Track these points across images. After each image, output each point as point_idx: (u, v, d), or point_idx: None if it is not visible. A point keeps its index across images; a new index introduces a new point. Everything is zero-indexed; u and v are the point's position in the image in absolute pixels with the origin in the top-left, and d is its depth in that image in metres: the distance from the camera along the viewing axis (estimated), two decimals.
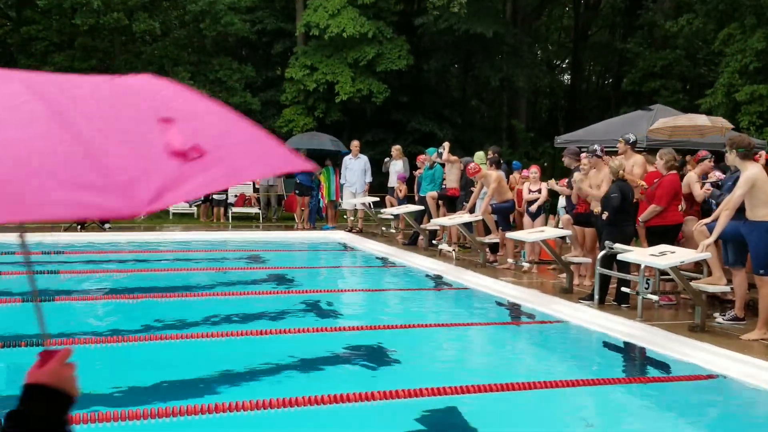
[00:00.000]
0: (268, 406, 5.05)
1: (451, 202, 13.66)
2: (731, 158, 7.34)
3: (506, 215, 11.94)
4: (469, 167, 11.94)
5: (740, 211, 7.30)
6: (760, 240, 7.16)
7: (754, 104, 19.07)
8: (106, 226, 15.31)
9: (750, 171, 7.14)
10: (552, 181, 11.38)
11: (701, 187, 8.99)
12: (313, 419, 5.07)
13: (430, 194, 13.94)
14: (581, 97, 36.17)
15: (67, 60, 22.70)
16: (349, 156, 16.65)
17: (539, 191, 11.54)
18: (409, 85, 26.10)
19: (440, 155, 13.75)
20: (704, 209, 9.03)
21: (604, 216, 8.70)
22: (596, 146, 9.68)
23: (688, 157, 10.55)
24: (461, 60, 30.11)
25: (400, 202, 15.30)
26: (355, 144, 16.78)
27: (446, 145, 13.86)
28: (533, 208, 11.52)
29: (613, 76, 34.92)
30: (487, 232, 12.39)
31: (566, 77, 39.81)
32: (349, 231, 16.55)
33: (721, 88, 20.30)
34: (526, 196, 11.71)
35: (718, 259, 7.92)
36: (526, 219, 11.67)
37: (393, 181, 16.05)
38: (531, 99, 34.48)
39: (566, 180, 11.12)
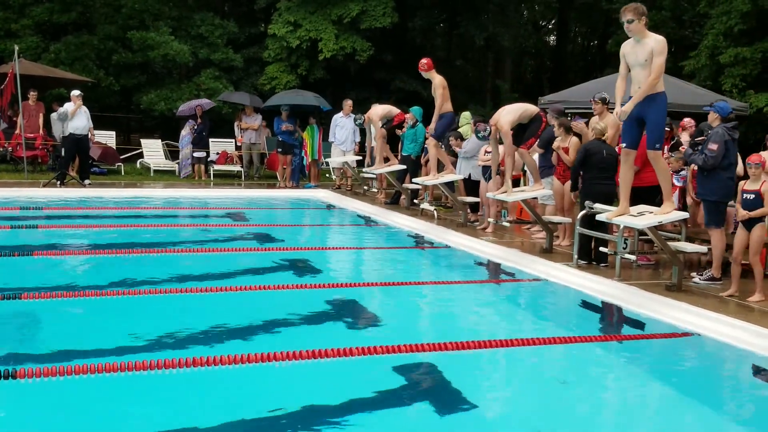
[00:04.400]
0: (246, 361, 5.08)
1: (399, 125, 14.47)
2: (637, 27, 7.23)
3: (446, 129, 12.10)
4: (423, 61, 12.04)
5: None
6: (658, 113, 7.21)
7: (738, 67, 19.05)
8: (86, 182, 15.16)
9: (663, 38, 7.18)
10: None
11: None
12: (292, 374, 5.11)
13: None
14: (567, 58, 36.00)
15: (46, 13, 22.26)
16: (341, 114, 16.60)
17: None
18: (393, 44, 25.85)
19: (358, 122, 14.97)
20: None
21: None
22: (603, 94, 9.68)
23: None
24: (446, 18, 29.79)
25: None
26: (348, 103, 16.71)
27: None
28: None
29: (599, 37, 34.75)
30: (468, 192, 12.40)
31: (552, 38, 39.60)
32: (337, 189, 16.56)
33: (705, 50, 20.26)
34: (482, 157, 11.69)
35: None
36: (482, 183, 11.69)
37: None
38: (516, 60, 34.28)
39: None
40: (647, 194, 8.33)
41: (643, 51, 7.15)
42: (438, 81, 11.74)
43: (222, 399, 4.66)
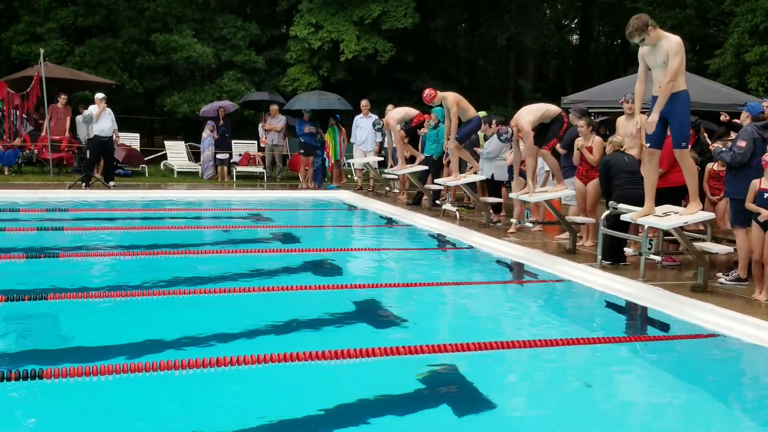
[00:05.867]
0: (269, 361, 5.10)
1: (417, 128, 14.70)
2: (651, 38, 7.06)
3: (471, 133, 12.10)
4: (424, 93, 11.83)
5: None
6: (682, 112, 7.13)
7: (764, 65, 18.83)
8: (111, 184, 15.30)
9: (677, 38, 7.06)
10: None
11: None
12: (315, 374, 5.12)
13: None
14: (589, 57, 35.76)
15: (71, 16, 22.51)
16: (360, 115, 16.66)
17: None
18: (414, 45, 25.84)
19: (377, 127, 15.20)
20: None
21: None
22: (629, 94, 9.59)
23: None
24: (468, 19, 29.73)
25: None
26: (364, 103, 16.74)
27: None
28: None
29: (622, 36, 34.35)
30: (490, 193, 12.35)
31: (575, 37, 39.34)
32: (359, 190, 16.59)
33: (730, 49, 20.05)
34: (508, 157, 11.64)
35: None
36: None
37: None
38: (538, 59, 34.11)
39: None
40: (673, 194, 8.26)
41: (660, 53, 7.08)
42: (451, 100, 11.56)
43: (243, 399, 4.68)
